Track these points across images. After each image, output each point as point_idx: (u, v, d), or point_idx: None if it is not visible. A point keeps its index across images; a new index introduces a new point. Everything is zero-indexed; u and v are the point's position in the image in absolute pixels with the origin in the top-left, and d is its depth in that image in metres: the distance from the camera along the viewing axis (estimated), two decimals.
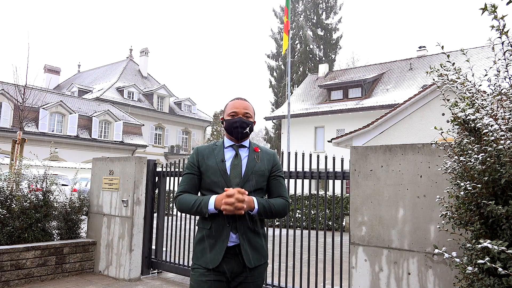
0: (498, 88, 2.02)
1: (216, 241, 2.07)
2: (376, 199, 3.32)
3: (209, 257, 2.06)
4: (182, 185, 2.18)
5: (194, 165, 2.19)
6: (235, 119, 2.19)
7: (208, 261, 2.05)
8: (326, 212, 4.20)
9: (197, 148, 2.26)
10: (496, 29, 1.86)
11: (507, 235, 1.79)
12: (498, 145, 1.80)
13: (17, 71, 8.33)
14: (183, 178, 2.21)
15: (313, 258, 6.46)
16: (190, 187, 2.17)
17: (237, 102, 2.25)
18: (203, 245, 2.09)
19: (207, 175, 2.15)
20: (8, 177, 5.74)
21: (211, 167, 2.15)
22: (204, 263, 2.06)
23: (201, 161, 2.19)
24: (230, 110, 2.23)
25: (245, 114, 2.22)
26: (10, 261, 4.84)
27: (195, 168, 2.19)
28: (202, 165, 2.18)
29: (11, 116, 25.30)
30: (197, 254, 2.11)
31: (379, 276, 3.24)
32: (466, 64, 2.12)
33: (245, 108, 2.23)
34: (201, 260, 2.08)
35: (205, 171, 2.16)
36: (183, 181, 2.20)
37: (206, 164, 2.16)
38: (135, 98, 37.45)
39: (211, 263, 2.05)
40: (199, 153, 2.22)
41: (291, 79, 28.37)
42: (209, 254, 2.06)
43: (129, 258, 5.34)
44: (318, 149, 25.98)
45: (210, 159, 2.17)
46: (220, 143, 2.26)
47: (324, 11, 40.04)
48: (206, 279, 2.04)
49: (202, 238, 2.11)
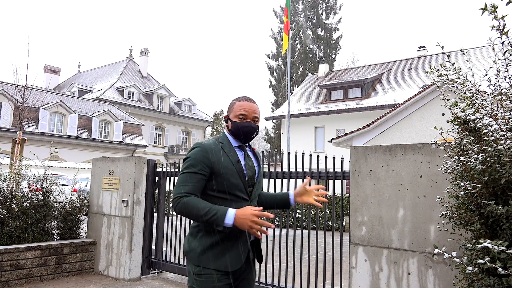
0: (498, 88, 2.02)
1: (236, 242, 1.94)
2: (376, 199, 3.32)
3: (228, 260, 1.92)
4: (188, 185, 1.90)
5: (205, 164, 1.94)
6: (244, 123, 2.05)
7: (228, 263, 1.91)
8: (326, 212, 4.20)
9: (204, 145, 2.00)
10: (496, 29, 1.86)
11: (507, 235, 1.79)
12: (498, 145, 1.80)
13: (17, 71, 8.33)
14: (189, 177, 1.93)
15: (313, 258, 6.46)
16: (198, 189, 1.92)
17: (246, 104, 2.09)
18: (217, 249, 1.92)
19: (225, 177, 1.95)
20: (8, 177, 5.73)
21: (228, 168, 1.97)
22: (221, 266, 1.90)
23: (214, 160, 1.95)
24: (238, 112, 2.07)
25: (253, 118, 2.09)
26: (10, 261, 4.84)
27: (205, 168, 1.94)
28: (216, 165, 1.95)
29: (11, 116, 25.30)
30: (209, 258, 1.91)
31: (379, 276, 3.24)
32: (466, 64, 2.12)
33: (254, 112, 2.09)
34: (217, 264, 1.90)
35: (220, 172, 1.95)
36: (189, 180, 1.92)
37: (221, 164, 1.96)
38: (135, 98, 37.45)
39: (233, 265, 1.93)
40: (209, 151, 1.97)
41: (291, 79, 28.40)
42: (228, 257, 1.92)
43: (129, 258, 5.34)
44: (318, 149, 25.98)
45: (224, 159, 1.98)
46: (226, 141, 2.07)
47: (324, 11, 40.05)
48: (223, 284, 1.91)
49: (217, 242, 1.92)
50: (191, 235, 2.00)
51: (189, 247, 1.98)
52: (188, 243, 2.00)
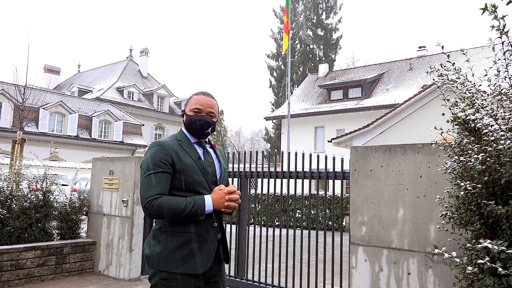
0: (498, 88, 2.02)
1: (203, 243, 1.91)
2: (376, 199, 3.32)
3: (198, 261, 1.88)
4: (157, 186, 1.84)
5: (168, 162, 1.90)
6: (198, 116, 2.01)
7: (197, 265, 1.87)
8: (326, 212, 4.20)
9: (162, 143, 1.95)
10: (496, 29, 1.86)
11: (507, 235, 1.79)
12: (498, 145, 1.80)
13: (17, 71, 8.36)
14: (156, 177, 1.87)
15: (313, 258, 6.46)
16: (166, 188, 1.88)
17: (202, 98, 2.05)
18: (185, 251, 1.87)
19: (188, 175, 1.91)
20: (8, 177, 5.74)
21: (190, 165, 1.93)
22: (189, 269, 1.86)
23: (175, 158, 1.92)
24: (193, 106, 2.03)
25: (209, 113, 2.04)
26: (10, 261, 4.84)
27: (169, 166, 1.89)
28: (177, 163, 1.91)
29: (11, 116, 25.30)
30: (177, 261, 1.85)
31: (379, 276, 3.24)
32: (466, 64, 2.12)
33: (210, 106, 2.04)
34: (184, 267, 1.85)
35: (183, 170, 1.91)
36: (157, 181, 1.86)
37: (182, 162, 1.92)
38: (135, 98, 37.46)
39: (201, 267, 1.89)
40: (169, 148, 1.93)
41: (291, 79, 28.39)
42: (197, 258, 1.88)
43: (129, 258, 5.35)
44: (318, 149, 25.99)
45: (185, 157, 1.94)
46: (185, 138, 2.03)
47: (324, 11, 40.05)
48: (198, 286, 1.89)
49: (185, 243, 1.88)
50: (153, 238, 1.93)
51: (151, 251, 1.90)
52: (150, 247, 1.92)
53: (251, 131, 62.66)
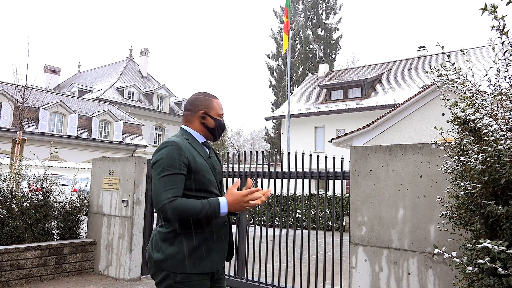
0: (498, 88, 2.02)
1: (218, 241, 1.94)
2: (376, 199, 3.32)
3: (215, 259, 1.92)
4: (172, 189, 1.81)
5: (184, 163, 1.87)
6: (223, 122, 2.13)
7: (212, 264, 1.91)
8: (326, 212, 4.20)
9: (176, 142, 1.92)
10: (496, 29, 1.86)
11: (507, 235, 1.79)
12: (498, 145, 1.80)
13: (17, 71, 8.36)
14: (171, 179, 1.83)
15: (313, 258, 6.46)
16: (181, 190, 1.85)
17: (220, 103, 2.16)
18: (202, 250, 1.88)
19: (202, 174, 1.93)
20: (8, 177, 5.74)
21: (203, 165, 1.96)
22: (207, 267, 1.88)
23: (190, 158, 1.91)
24: (219, 111, 2.11)
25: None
26: (10, 261, 4.84)
27: (184, 168, 1.87)
28: (192, 164, 1.91)
29: (11, 116, 25.29)
30: (194, 261, 1.85)
31: (379, 276, 3.24)
32: (466, 64, 2.12)
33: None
34: (201, 267, 1.86)
35: (197, 170, 1.91)
36: (172, 183, 1.82)
37: (197, 162, 1.93)
38: (135, 98, 37.45)
39: (215, 266, 1.93)
40: (183, 148, 1.91)
41: (291, 79, 28.37)
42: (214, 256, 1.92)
43: (129, 258, 5.35)
44: (318, 149, 25.98)
45: (198, 157, 1.96)
46: (192, 138, 2.04)
47: (324, 11, 40.05)
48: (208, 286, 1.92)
49: (201, 243, 1.88)
50: (164, 241, 1.88)
51: (164, 254, 1.86)
52: (162, 250, 1.88)
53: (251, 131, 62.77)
